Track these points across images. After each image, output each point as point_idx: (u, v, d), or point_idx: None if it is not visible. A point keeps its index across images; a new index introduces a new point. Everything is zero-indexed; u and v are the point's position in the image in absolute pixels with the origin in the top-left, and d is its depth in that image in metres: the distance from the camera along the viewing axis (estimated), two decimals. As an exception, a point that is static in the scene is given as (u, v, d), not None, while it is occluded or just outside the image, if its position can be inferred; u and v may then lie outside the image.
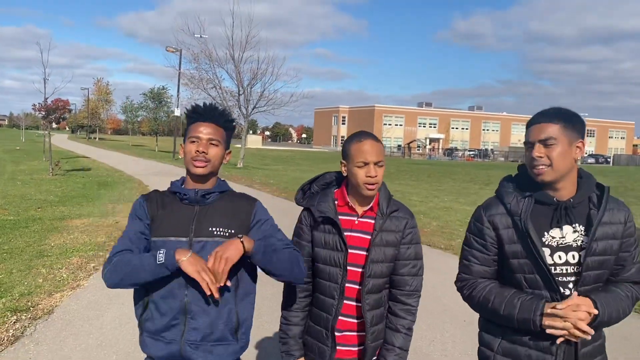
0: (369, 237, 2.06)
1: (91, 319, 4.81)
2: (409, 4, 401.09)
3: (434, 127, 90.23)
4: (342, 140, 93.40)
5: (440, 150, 78.39)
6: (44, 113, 17.83)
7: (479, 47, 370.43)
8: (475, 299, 1.94)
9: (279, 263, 1.88)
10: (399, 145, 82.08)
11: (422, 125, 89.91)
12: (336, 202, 2.11)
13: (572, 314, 1.70)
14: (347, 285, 2.07)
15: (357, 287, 2.07)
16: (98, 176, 19.76)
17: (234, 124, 2.11)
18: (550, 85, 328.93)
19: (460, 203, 15.98)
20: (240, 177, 21.82)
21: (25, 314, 4.90)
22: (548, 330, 1.74)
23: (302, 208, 2.19)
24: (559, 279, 1.80)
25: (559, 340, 1.78)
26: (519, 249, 1.84)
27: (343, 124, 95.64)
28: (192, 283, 1.85)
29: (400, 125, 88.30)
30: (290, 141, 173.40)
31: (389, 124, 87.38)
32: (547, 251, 1.81)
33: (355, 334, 2.12)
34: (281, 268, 1.89)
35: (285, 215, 6.06)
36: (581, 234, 1.82)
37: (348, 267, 2.05)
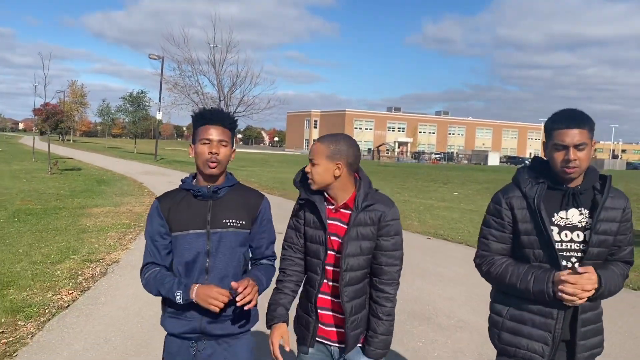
0: (345, 226, 2.17)
1: (135, 271, 6.93)
2: (380, 8, 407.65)
3: (403, 131, 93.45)
4: (314, 143, 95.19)
5: (408, 154, 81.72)
6: (44, 117, 19.51)
7: (448, 52, 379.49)
8: (492, 274, 2.14)
9: (266, 284, 2.25)
10: (369, 149, 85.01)
11: (391, 129, 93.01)
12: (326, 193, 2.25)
13: (583, 281, 1.93)
14: (331, 268, 2.20)
15: (332, 268, 2.21)
16: (92, 175, 21.52)
17: (237, 123, 2.26)
18: (517, 90, 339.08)
19: (418, 198, 18.41)
20: (223, 176, 23.90)
21: (99, 263, 6.99)
22: (558, 295, 1.95)
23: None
24: (564, 254, 2.04)
25: (561, 306, 2.03)
26: (530, 227, 2.06)
27: (315, 127, 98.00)
28: (212, 270, 2.15)
29: (370, 129, 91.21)
30: (262, 144, 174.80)
31: (360, 128, 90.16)
32: (555, 229, 2.04)
33: (331, 313, 2.23)
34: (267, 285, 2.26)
35: (272, 208, 8.19)
36: (586, 217, 2.05)
37: (331, 252, 2.18)
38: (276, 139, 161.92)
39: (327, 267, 2.19)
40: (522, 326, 2.12)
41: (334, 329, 2.21)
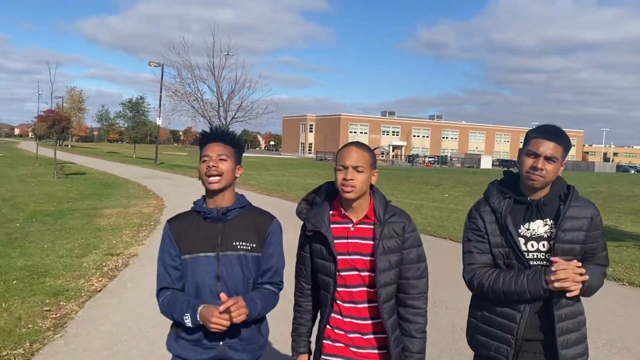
0: (369, 242, 2.10)
1: (153, 262, 7.74)
2: (374, 13, 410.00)
3: (397, 135, 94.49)
4: (309, 147, 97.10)
5: (402, 157, 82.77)
6: (50, 123, 20.28)
7: (442, 57, 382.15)
8: (485, 286, 2.15)
9: (264, 310, 2.15)
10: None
11: (386, 133, 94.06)
12: (331, 213, 2.16)
13: (572, 264, 2.00)
14: (354, 290, 2.12)
15: (362, 289, 2.12)
16: (97, 179, 22.32)
17: (239, 140, 2.24)
18: (511, 94, 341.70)
19: (410, 199, 19.28)
20: (223, 179, 24.80)
21: (120, 256, 7.80)
22: (556, 284, 1.99)
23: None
24: (532, 262, 2.11)
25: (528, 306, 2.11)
26: (500, 240, 2.14)
27: (311, 131, 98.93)
28: (225, 292, 2.08)
29: (365, 133, 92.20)
30: (258, 148, 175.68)
31: (355, 132, 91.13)
32: (522, 240, 2.12)
33: (372, 336, 2.14)
34: (265, 312, 2.17)
35: (273, 208, 8.99)
36: (551, 227, 2.12)
37: (349, 272, 2.12)
38: (272, 143, 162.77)
39: (352, 290, 2.12)
40: (490, 329, 2.19)
41: (357, 350, 2.14)
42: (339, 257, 2.10)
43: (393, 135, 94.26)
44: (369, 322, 2.13)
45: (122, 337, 4.62)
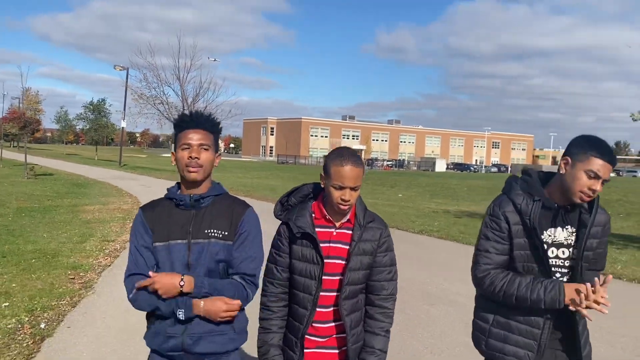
0: (347, 247, 2.14)
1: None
2: (336, 16, 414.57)
3: (357, 138, 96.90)
4: (270, 150, 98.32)
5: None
6: (22, 125, 20.98)
7: (402, 61, 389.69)
8: (497, 287, 2.12)
9: (223, 291, 2.03)
10: (325, 156, 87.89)
11: (346, 137, 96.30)
12: (313, 215, 2.17)
13: (595, 295, 1.95)
14: (324, 294, 2.14)
15: (334, 294, 2.15)
16: (67, 179, 23.06)
17: (219, 126, 2.17)
18: (468, 99, 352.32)
19: (366, 199, 20.76)
20: (190, 180, 25.99)
21: (115, 242, 9.07)
22: (571, 306, 1.99)
23: (280, 221, 2.24)
24: (552, 269, 2.13)
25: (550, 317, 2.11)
26: (524, 243, 2.11)
27: (272, 134, 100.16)
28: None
29: (326, 136, 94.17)
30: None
31: (315, 136, 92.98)
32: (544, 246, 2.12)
33: (335, 336, 2.19)
34: (226, 294, 2.03)
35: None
36: (571, 234, 2.13)
37: (326, 277, 2.13)
38: (232, 145, 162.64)
39: (323, 294, 2.14)
40: (508, 334, 2.16)
41: (323, 351, 2.19)
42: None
43: (353, 139, 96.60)
44: (333, 324, 2.19)
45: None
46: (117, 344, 4.44)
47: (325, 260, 2.12)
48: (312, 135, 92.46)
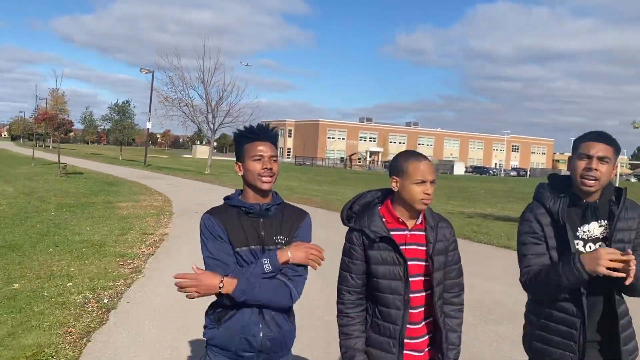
0: (423, 248, 2.20)
1: (185, 236, 9.84)
2: (354, 18, 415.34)
3: (374, 141, 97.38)
4: (288, 152, 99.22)
5: (379, 163, 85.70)
6: (56, 126, 22.13)
7: (421, 63, 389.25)
8: (534, 281, 2.17)
9: (261, 297, 2.07)
10: (342, 158, 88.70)
11: (363, 139, 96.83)
12: (384, 219, 2.21)
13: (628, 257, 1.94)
14: (413, 295, 2.18)
15: (420, 294, 2.20)
16: (97, 178, 24.14)
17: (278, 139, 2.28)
18: (488, 102, 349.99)
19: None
20: (214, 179, 27.05)
21: (153, 235, 9.90)
22: (602, 270, 1.95)
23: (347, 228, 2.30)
24: None
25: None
26: (556, 242, 2.15)
27: (289, 136, 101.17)
28: None
29: (343, 138, 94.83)
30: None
31: (333, 138, 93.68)
32: (580, 243, 2.13)
33: (422, 340, 2.23)
34: (264, 300, 2.08)
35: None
36: (605, 228, 2.15)
37: (411, 279, 2.17)
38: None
39: (412, 296, 2.18)
40: (550, 336, 2.20)
41: (415, 354, 2.23)
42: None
43: (370, 141, 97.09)
44: (422, 324, 2.23)
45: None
46: (174, 317, 5.21)
47: (408, 262, 2.18)
48: (329, 137, 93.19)
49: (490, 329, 5.14)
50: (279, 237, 2.18)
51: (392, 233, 2.19)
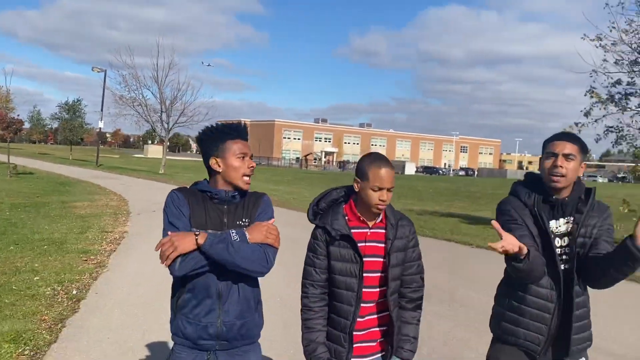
0: (382, 245, 2.28)
1: (144, 234, 10.15)
2: (308, 18, 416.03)
3: (329, 141, 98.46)
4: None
5: (334, 163, 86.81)
6: (4, 125, 21.65)
7: (375, 65, 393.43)
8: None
9: (235, 256, 2.05)
10: (298, 158, 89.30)
11: (318, 139, 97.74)
12: (346, 218, 2.29)
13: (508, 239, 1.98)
14: (366, 290, 2.27)
15: (375, 290, 2.29)
16: (49, 178, 23.73)
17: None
18: (438, 104, 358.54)
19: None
20: (168, 179, 27.08)
21: (113, 233, 10.16)
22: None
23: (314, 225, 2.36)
24: (560, 257, 2.25)
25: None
26: (537, 231, 2.24)
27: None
28: (224, 272, 2.11)
29: (299, 139, 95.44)
30: (189, 152, 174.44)
31: (288, 138, 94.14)
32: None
33: (377, 329, 2.34)
34: (238, 259, 2.06)
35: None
36: (571, 224, 2.26)
37: (366, 274, 2.26)
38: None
39: (365, 290, 2.26)
40: (520, 318, 2.28)
41: (365, 345, 2.31)
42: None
43: (325, 141, 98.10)
44: (375, 317, 2.33)
45: (145, 271, 7.17)
46: (139, 306, 5.63)
47: (364, 259, 2.25)
48: (285, 138, 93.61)
49: (428, 309, 5.82)
50: (242, 220, 2.22)
51: (353, 231, 2.27)
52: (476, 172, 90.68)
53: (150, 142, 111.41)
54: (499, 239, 2.03)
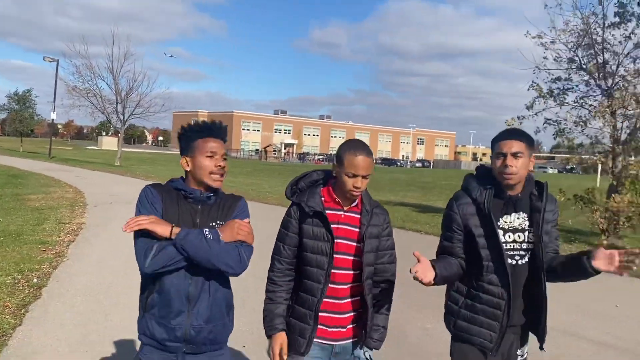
0: (356, 229, 2.30)
1: (102, 225, 10.24)
2: (268, 9, 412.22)
3: (289, 133, 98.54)
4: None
5: (294, 155, 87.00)
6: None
7: (334, 57, 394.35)
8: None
9: (209, 253, 2.04)
10: (257, 149, 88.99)
11: (278, 131, 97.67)
12: (323, 199, 2.30)
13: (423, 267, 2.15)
14: (339, 271, 2.28)
15: (348, 272, 2.30)
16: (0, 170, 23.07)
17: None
18: (396, 97, 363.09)
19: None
20: (124, 171, 26.75)
21: (71, 224, 10.18)
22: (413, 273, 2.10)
23: (290, 203, 2.37)
24: (509, 253, 2.30)
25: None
26: (482, 230, 2.30)
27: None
28: (196, 272, 2.10)
29: (258, 130, 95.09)
30: (145, 143, 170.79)
31: (247, 129, 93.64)
32: (500, 232, 2.28)
33: (350, 314, 2.33)
34: (213, 256, 2.04)
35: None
36: (525, 220, 2.31)
37: (338, 255, 2.27)
38: (160, 138, 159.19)
39: (334, 271, 2.27)
40: (475, 315, 2.34)
41: (335, 329, 2.32)
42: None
43: (285, 133, 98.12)
44: (347, 301, 2.32)
45: (105, 259, 7.34)
46: (101, 292, 5.83)
47: (335, 240, 2.26)
48: (244, 129, 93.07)
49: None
50: (216, 223, 2.19)
51: (327, 212, 2.28)
52: (432, 164, 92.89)
53: (104, 133, 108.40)
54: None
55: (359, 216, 2.33)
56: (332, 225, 2.26)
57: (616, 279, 5.92)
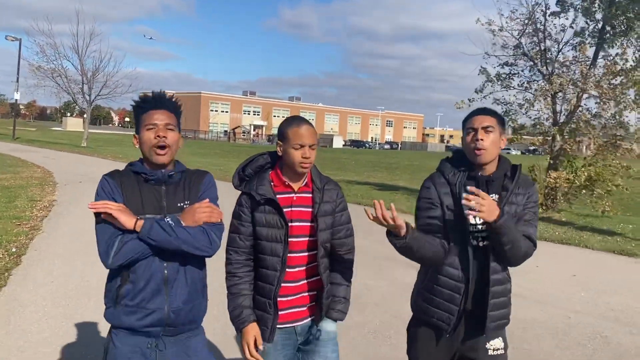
0: (309, 209, 2.29)
1: (74, 202, 10.69)
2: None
3: (258, 114, 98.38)
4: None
5: (263, 136, 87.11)
6: None
7: (304, 38, 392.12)
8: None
9: (176, 240, 1.98)
10: (225, 131, 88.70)
11: (247, 112, 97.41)
12: (272, 183, 2.27)
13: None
14: (294, 255, 2.28)
15: (304, 254, 2.31)
16: (-38, 151, 22.86)
17: (181, 108, 2.18)
18: (367, 79, 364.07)
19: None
20: (92, 152, 26.81)
21: (42, 202, 10.59)
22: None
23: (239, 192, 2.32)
24: (475, 234, 2.27)
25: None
26: (451, 211, 2.28)
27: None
28: (169, 255, 2.04)
29: (226, 112, 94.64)
30: (111, 125, 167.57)
31: (216, 110, 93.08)
32: (472, 213, 2.16)
33: (307, 294, 2.35)
34: (181, 241, 1.99)
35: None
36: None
37: (293, 239, 2.26)
38: (127, 119, 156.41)
39: (290, 255, 2.26)
40: (433, 297, 2.34)
41: (296, 310, 2.33)
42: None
43: (254, 114, 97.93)
44: (304, 282, 2.34)
45: (79, 231, 7.87)
46: (78, 258, 6.41)
47: (290, 224, 2.25)
48: (212, 110, 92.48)
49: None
50: (184, 203, 2.11)
51: (278, 196, 2.25)
52: (400, 146, 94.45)
53: (69, 114, 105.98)
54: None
55: (310, 195, 2.32)
56: (284, 210, 2.25)
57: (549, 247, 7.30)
